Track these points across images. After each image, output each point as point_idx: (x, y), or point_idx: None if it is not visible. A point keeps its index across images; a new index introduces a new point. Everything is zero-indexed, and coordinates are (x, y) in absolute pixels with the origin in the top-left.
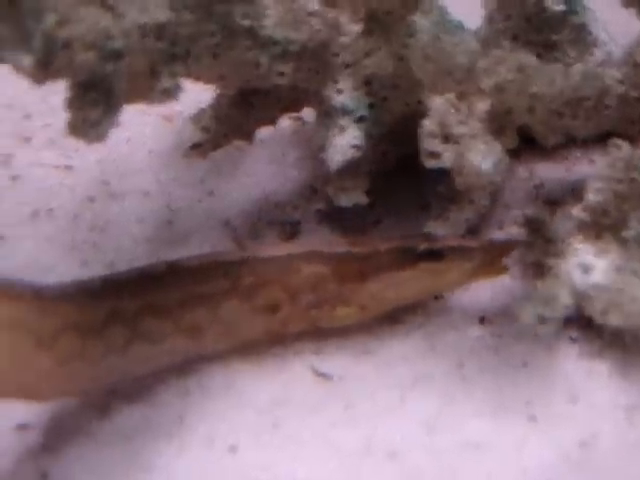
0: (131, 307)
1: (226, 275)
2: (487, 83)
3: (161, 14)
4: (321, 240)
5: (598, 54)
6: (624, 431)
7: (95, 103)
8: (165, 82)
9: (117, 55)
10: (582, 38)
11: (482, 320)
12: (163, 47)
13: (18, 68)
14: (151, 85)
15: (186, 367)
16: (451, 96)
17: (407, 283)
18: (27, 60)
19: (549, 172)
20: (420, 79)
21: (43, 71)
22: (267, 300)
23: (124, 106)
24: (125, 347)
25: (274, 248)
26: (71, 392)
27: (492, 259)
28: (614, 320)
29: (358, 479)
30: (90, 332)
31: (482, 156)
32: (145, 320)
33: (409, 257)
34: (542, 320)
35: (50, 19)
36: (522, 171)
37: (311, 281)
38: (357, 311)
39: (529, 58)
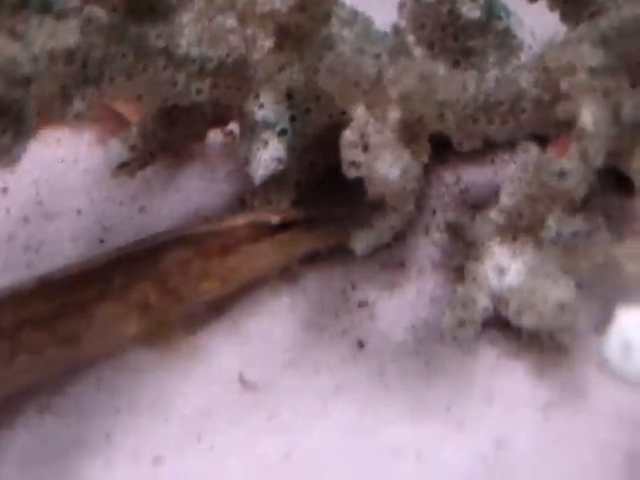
0: (9, 322)
1: (98, 279)
2: (393, 92)
3: (70, 38)
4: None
5: (524, 58)
6: (540, 430)
7: (5, 129)
8: (77, 106)
9: (25, 81)
10: (507, 43)
11: (405, 325)
12: (74, 71)
13: None
14: (64, 109)
15: (115, 380)
16: (363, 106)
17: (263, 254)
18: None
19: (476, 176)
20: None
21: None
22: (139, 296)
23: (60, 126)
24: (10, 360)
25: (143, 242)
26: None
27: (336, 227)
28: (528, 321)
29: None
30: None
31: (389, 165)
32: (26, 333)
33: (264, 230)
34: (461, 323)
35: None
36: (449, 176)
37: (176, 266)
38: (219, 284)
39: (434, 66)
